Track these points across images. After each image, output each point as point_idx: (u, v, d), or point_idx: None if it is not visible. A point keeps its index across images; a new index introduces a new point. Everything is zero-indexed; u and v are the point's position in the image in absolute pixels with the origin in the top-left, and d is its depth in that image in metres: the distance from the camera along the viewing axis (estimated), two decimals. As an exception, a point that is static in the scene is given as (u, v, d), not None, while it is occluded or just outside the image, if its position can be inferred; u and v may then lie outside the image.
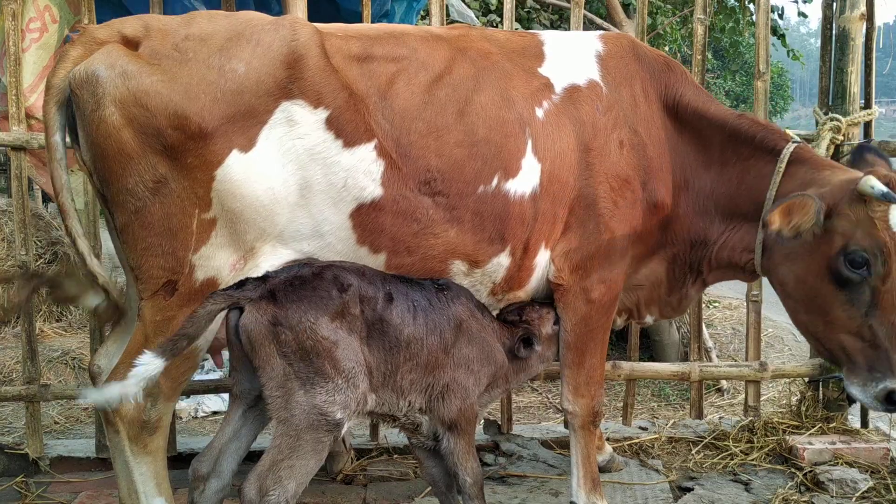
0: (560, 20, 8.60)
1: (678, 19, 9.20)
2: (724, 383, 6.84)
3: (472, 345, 3.12)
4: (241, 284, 2.83)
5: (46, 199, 10.01)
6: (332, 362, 2.76)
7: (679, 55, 10.90)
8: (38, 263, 8.63)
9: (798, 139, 3.44)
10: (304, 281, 2.82)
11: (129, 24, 2.99)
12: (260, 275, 2.94)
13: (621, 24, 7.29)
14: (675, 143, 3.53)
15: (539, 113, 3.30)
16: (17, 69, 4.00)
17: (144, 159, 2.86)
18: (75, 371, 6.70)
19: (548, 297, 3.54)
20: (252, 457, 3.07)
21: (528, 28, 8.26)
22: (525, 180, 3.24)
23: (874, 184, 3.00)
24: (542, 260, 3.39)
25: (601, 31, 3.68)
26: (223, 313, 2.84)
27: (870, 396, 3.18)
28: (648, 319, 3.86)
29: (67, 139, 3.05)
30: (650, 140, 3.45)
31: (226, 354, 4.26)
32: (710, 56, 9.23)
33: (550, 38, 3.58)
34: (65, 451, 4.28)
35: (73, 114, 2.96)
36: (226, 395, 5.78)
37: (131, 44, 2.93)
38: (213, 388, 4.40)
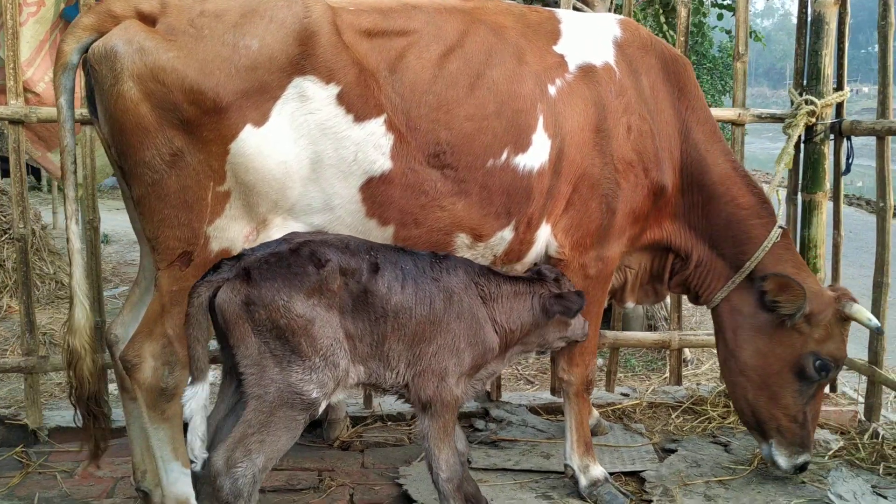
0: (532, -1, 8.70)
1: (645, 1, 9.40)
2: (687, 353, 7.06)
3: (460, 321, 3.04)
4: (218, 267, 2.84)
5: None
6: (309, 340, 2.75)
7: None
8: (3, 239, 8.58)
9: (783, 225, 3.79)
10: (280, 258, 2.80)
11: (146, 0, 3.03)
12: (236, 253, 2.96)
13: (593, 3, 7.42)
14: (679, 145, 3.71)
15: (552, 90, 3.40)
16: (15, 43, 4.01)
17: (161, 133, 2.92)
18: (46, 346, 6.69)
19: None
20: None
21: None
22: (535, 156, 3.34)
23: (871, 317, 3.62)
24: (543, 234, 3.51)
25: (620, 17, 3.79)
26: None
27: (791, 465, 3.72)
28: (629, 304, 4.05)
29: (85, 111, 3.10)
30: (657, 131, 3.59)
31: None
32: (672, 34, 9.43)
33: (567, 17, 3.67)
34: (63, 422, 4.33)
35: (91, 87, 3.02)
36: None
37: (147, 19, 2.98)
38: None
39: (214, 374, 6.00)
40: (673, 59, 3.74)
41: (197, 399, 2.74)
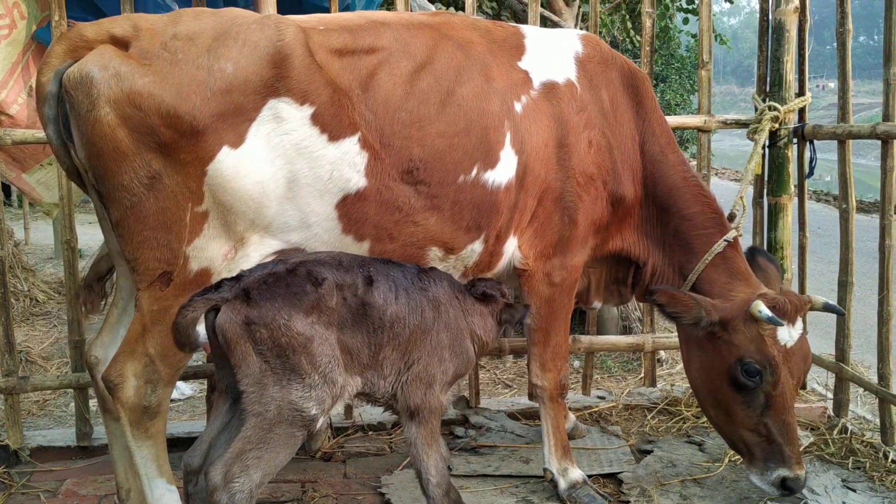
0: (499, 7, 8.82)
1: (612, 8, 9.53)
2: (662, 354, 7.17)
3: (448, 332, 3.15)
4: (218, 286, 2.87)
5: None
6: (308, 358, 2.80)
7: (608, 38, 11.24)
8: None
9: (731, 236, 3.77)
10: (277, 278, 2.85)
11: (118, 24, 3.07)
12: (234, 274, 2.99)
13: (561, 11, 7.54)
14: (637, 157, 3.80)
15: (517, 107, 3.47)
16: (-12, 66, 4.03)
17: (139, 156, 2.96)
18: (23, 363, 6.68)
19: (511, 279, 3.78)
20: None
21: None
22: (503, 171, 3.42)
23: (762, 308, 3.44)
24: (511, 246, 3.61)
25: (582, 32, 3.87)
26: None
27: (767, 483, 3.57)
28: (595, 305, 4.16)
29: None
30: (615, 145, 3.69)
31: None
32: (637, 39, 9.58)
33: (531, 33, 3.74)
34: (44, 441, 4.37)
35: (65, 111, 3.04)
36: (181, 384, 5.91)
37: (120, 43, 3.01)
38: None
39: (193, 387, 6.06)
40: (632, 74, 3.84)
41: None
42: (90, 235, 9.23)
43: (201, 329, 2.81)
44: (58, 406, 5.82)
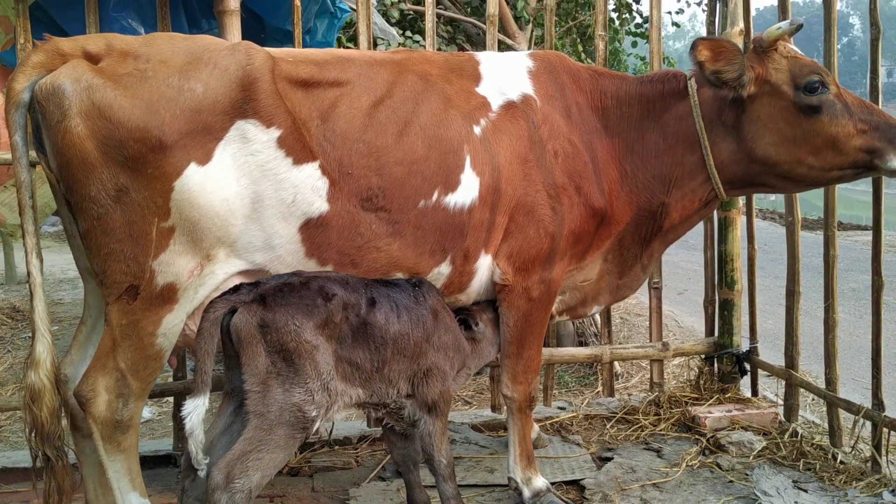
0: (454, 32, 8.98)
1: (564, 31, 9.76)
2: (617, 367, 7.32)
3: (447, 333, 3.42)
4: (237, 289, 3.06)
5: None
6: (313, 364, 2.99)
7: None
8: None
9: (686, 71, 3.85)
10: (292, 288, 3.06)
11: (93, 41, 3.15)
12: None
13: (514, 35, 7.73)
14: (606, 142, 3.84)
15: (477, 130, 3.57)
16: (-48, 87, 4.03)
17: (107, 169, 3.03)
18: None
19: (488, 299, 3.83)
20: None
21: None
22: (464, 194, 3.50)
23: (780, 25, 3.58)
24: (483, 264, 3.66)
25: (531, 51, 4.00)
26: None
27: None
28: (596, 309, 4.20)
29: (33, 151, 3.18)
30: (584, 146, 3.76)
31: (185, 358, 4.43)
32: (590, 61, 9.82)
33: (485, 59, 3.86)
34: (8, 463, 4.35)
35: (37, 123, 3.10)
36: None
37: (93, 59, 3.09)
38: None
39: (152, 410, 6.04)
40: (581, 70, 3.92)
41: (197, 413, 2.89)
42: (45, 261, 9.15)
43: None
44: (13, 432, 5.76)
